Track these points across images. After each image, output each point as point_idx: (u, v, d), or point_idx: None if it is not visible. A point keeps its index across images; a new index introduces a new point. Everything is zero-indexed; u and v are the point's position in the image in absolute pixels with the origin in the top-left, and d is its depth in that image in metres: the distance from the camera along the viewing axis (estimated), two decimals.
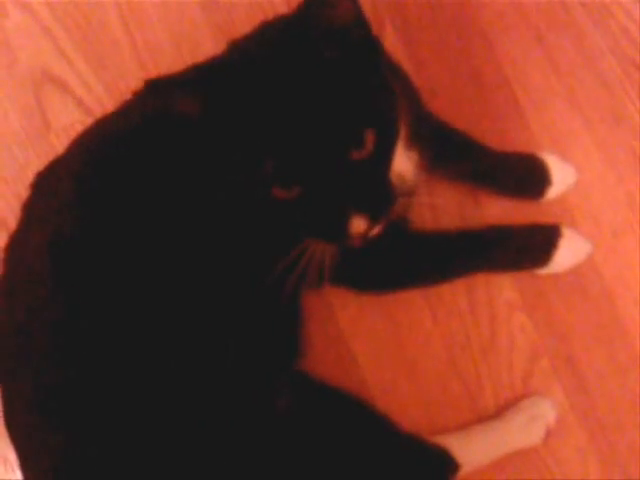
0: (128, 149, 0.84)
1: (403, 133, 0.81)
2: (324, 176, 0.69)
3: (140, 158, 0.83)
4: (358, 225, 0.70)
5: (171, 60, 1.04)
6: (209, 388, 0.80)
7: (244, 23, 1.01)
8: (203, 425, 0.79)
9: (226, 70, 0.73)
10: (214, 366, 0.81)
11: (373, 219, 0.70)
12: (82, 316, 0.78)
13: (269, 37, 0.76)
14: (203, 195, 0.81)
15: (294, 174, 0.69)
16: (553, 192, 1.00)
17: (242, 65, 0.73)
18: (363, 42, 0.73)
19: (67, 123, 1.04)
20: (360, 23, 0.72)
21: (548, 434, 0.96)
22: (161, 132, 0.84)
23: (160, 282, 0.80)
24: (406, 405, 0.99)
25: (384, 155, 0.73)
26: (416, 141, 0.86)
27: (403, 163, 0.85)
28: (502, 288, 1.01)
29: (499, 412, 0.98)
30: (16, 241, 0.87)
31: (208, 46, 1.04)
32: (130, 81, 1.03)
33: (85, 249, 0.80)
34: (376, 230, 0.73)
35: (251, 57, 0.73)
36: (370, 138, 0.70)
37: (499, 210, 1.02)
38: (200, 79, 0.71)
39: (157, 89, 0.69)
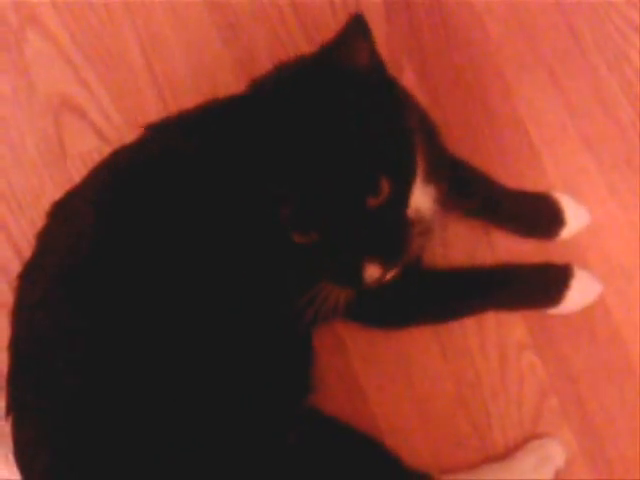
0: (146, 180, 0.85)
1: (420, 168, 0.82)
2: (340, 222, 0.70)
3: (159, 188, 0.84)
4: (372, 272, 0.71)
5: (190, 92, 1.05)
6: (222, 420, 0.81)
7: (264, 58, 1.04)
8: (215, 456, 0.79)
9: (242, 110, 0.75)
10: (227, 398, 0.82)
11: (387, 265, 0.72)
12: (101, 344, 0.79)
13: (288, 79, 0.77)
14: (221, 225, 0.81)
15: (311, 220, 0.71)
16: (566, 233, 1.01)
17: (259, 106, 0.75)
18: (380, 85, 0.75)
19: (84, 150, 1.04)
20: (376, 66, 0.74)
21: (557, 476, 0.95)
22: (176, 166, 0.85)
23: (178, 313, 0.80)
24: (415, 442, 0.98)
25: (400, 200, 0.75)
26: (433, 176, 0.87)
27: (420, 198, 0.86)
28: (512, 327, 1.01)
29: (508, 452, 0.98)
30: (30, 270, 0.87)
31: (228, 80, 1.05)
32: (148, 111, 1.04)
33: (103, 278, 0.80)
34: (391, 274, 0.74)
35: (269, 98, 0.75)
36: (386, 185, 0.71)
37: (511, 248, 1.03)
38: (205, 120, 0.75)
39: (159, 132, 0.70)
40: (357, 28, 0.70)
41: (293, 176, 0.70)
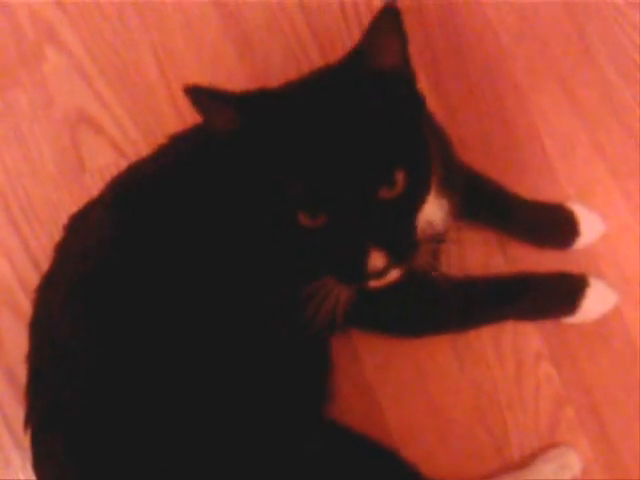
0: (163, 191, 0.86)
1: (434, 181, 0.82)
2: (350, 208, 0.70)
3: (175, 199, 0.85)
4: (376, 260, 0.70)
5: None
6: (239, 428, 0.82)
7: (278, 71, 1.05)
8: (232, 464, 0.80)
9: (272, 94, 0.75)
10: (245, 407, 0.83)
11: (392, 257, 0.70)
12: (120, 352, 0.80)
13: (319, 74, 0.78)
14: (236, 229, 0.82)
15: (320, 201, 0.70)
16: (581, 243, 1.02)
17: (288, 93, 0.76)
18: (406, 89, 0.76)
19: (102, 164, 1.06)
20: (406, 70, 0.75)
21: None
22: (195, 172, 0.86)
23: (194, 321, 0.81)
24: (431, 453, 0.99)
25: (414, 198, 0.74)
26: (447, 189, 0.87)
27: (433, 211, 0.87)
28: (529, 337, 1.02)
29: (525, 462, 0.99)
30: (48, 282, 0.89)
31: None
32: (164, 124, 1.06)
33: (120, 288, 0.82)
34: (395, 273, 0.72)
35: (298, 88, 0.77)
36: (401, 178, 0.71)
37: (525, 258, 1.04)
38: (245, 96, 0.73)
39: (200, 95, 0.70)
40: (388, 22, 0.69)
41: (311, 154, 0.70)
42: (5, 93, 1.10)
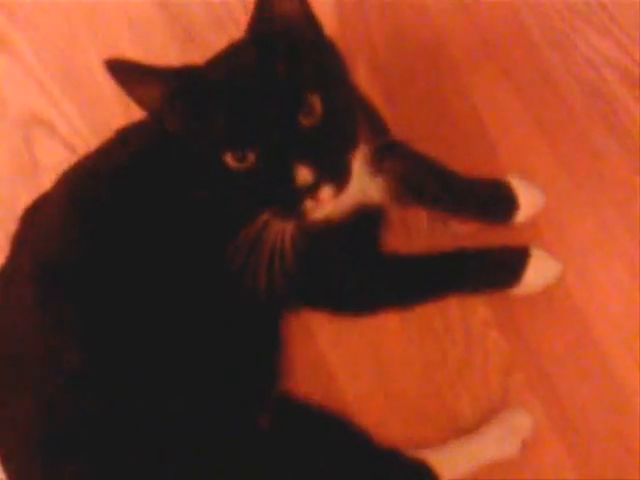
0: (109, 183, 0.91)
1: (367, 159, 0.90)
2: (273, 139, 0.73)
3: (119, 190, 0.90)
4: (303, 174, 0.72)
5: None
6: (198, 407, 0.87)
7: None
8: (193, 441, 0.85)
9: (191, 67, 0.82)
10: (203, 387, 0.88)
11: (320, 170, 0.73)
12: (74, 338, 0.84)
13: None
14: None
15: (243, 135, 0.74)
16: (521, 215, 1.05)
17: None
18: (312, 34, 0.81)
19: (55, 162, 1.08)
20: (310, 20, 0.81)
21: (524, 446, 1.01)
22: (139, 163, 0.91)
23: (145, 302, 0.86)
24: (385, 422, 1.03)
25: (335, 122, 0.77)
26: (381, 167, 0.93)
27: (369, 188, 0.93)
28: (475, 307, 1.06)
29: (477, 427, 1.03)
30: (5, 272, 0.93)
31: None
32: (114, 121, 1.06)
33: (73, 273, 0.86)
34: (328, 191, 0.75)
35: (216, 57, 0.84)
36: (317, 103, 0.75)
37: (471, 234, 1.08)
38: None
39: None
40: None
41: (229, 95, 0.75)
42: None
